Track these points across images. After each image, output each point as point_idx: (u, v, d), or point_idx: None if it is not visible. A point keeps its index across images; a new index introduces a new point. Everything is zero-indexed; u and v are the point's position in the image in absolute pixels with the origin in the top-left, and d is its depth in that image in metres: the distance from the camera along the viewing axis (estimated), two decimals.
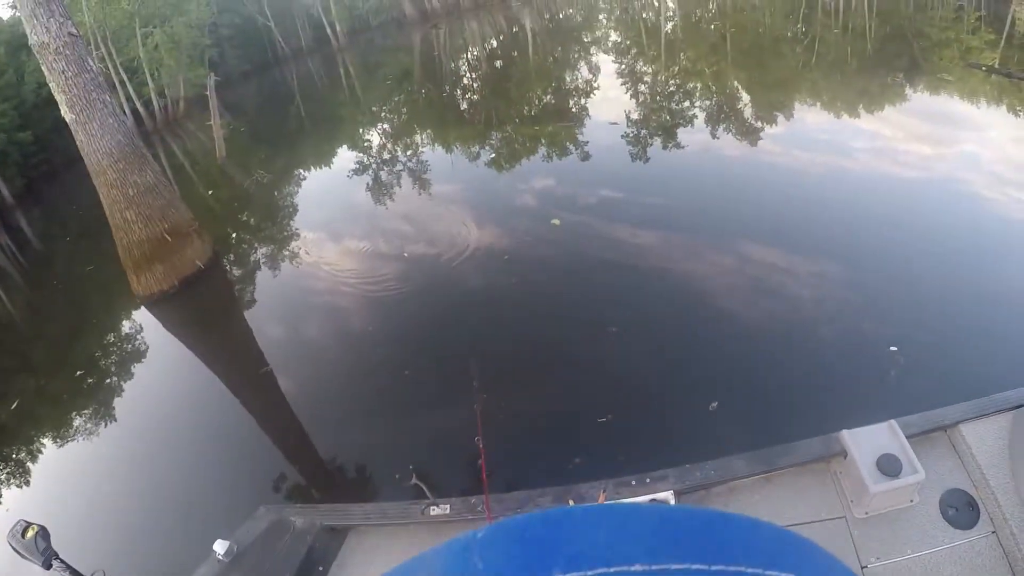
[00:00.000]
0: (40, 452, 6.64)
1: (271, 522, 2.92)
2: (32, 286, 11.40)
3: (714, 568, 0.31)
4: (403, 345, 6.14)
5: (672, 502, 2.55)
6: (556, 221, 7.52)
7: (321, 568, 2.87)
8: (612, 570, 0.30)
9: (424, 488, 2.90)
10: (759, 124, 9.99)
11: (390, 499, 4.14)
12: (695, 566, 0.30)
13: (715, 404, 4.40)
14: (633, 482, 2.70)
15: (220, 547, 2.74)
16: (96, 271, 9.88)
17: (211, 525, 3.22)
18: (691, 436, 4.27)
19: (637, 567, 0.30)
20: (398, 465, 4.67)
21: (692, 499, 2.74)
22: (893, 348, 4.57)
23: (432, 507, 2.81)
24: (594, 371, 5.16)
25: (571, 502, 2.63)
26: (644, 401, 4.75)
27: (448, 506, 2.82)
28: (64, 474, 6.27)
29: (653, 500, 2.60)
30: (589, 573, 0.30)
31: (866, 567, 2.37)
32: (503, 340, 5.90)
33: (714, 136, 9.77)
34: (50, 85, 7.24)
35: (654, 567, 0.30)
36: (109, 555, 4.53)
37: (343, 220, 9.42)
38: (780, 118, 10.13)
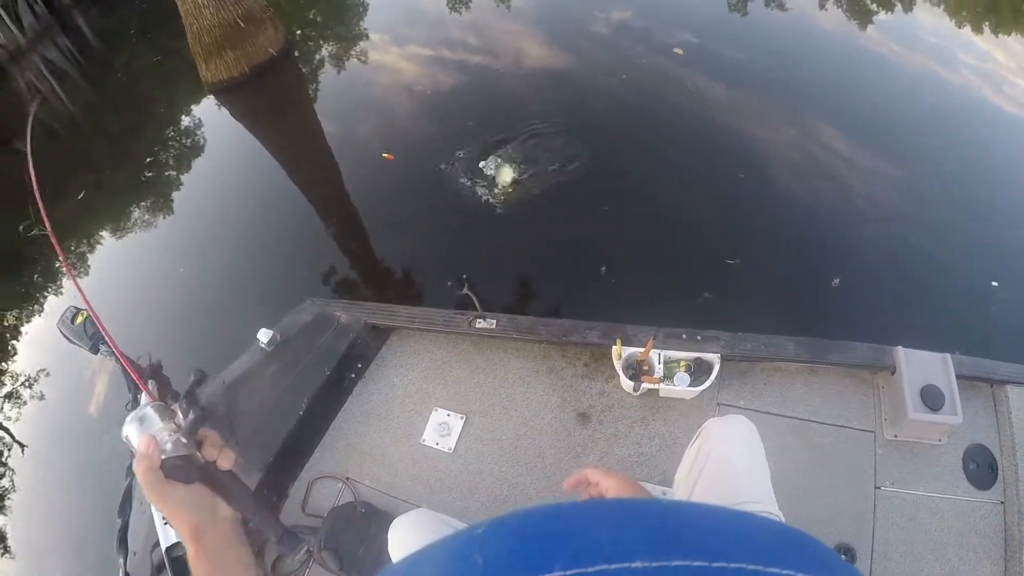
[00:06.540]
0: (97, 243, 6.86)
1: (316, 315, 2.94)
2: (93, 85, 11.29)
3: (715, 565, 0.30)
4: (485, 148, 5.92)
5: (717, 366, 2.56)
6: (679, 50, 7.13)
7: (360, 365, 2.93)
8: (613, 567, 0.30)
9: (474, 299, 2.90)
10: (873, 6, 8.99)
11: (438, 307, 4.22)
12: (696, 563, 0.30)
13: (837, 280, 4.49)
14: (683, 335, 2.66)
15: (264, 336, 2.79)
16: (160, 64, 9.76)
17: (259, 315, 3.31)
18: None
19: (638, 563, 0.30)
20: (453, 274, 4.75)
21: (736, 368, 2.75)
22: (994, 283, 4.42)
23: (479, 319, 2.81)
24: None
25: (618, 341, 2.62)
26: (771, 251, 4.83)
27: (495, 321, 2.81)
28: (118, 264, 6.50)
29: (699, 359, 2.61)
30: (590, 569, 0.30)
31: (880, 488, 2.40)
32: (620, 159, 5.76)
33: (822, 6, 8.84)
34: None
35: (655, 563, 0.30)
36: (158, 341, 4.73)
37: (421, 24, 8.86)
38: (897, 7, 9.07)
